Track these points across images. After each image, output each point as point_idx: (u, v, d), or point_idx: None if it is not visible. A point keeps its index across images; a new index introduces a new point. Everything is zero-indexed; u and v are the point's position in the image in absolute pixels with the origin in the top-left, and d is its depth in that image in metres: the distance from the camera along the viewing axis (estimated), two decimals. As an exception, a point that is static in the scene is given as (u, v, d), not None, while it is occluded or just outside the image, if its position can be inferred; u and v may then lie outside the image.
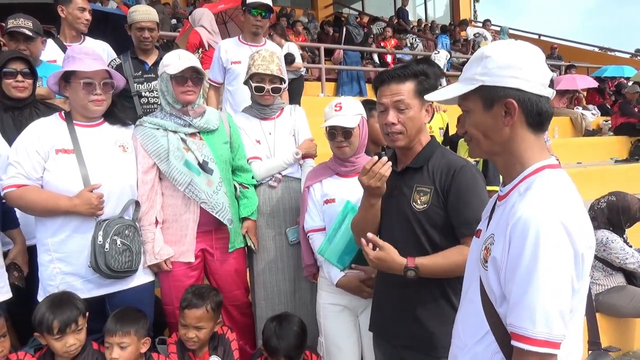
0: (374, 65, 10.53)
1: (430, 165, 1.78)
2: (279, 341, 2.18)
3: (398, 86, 1.74)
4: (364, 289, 2.21)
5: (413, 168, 1.80)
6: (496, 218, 1.18)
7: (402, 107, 1.74)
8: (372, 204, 1.80)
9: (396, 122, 1.74)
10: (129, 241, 2.20)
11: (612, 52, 15.89)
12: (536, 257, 1.01)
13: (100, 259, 2.11)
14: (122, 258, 2.16)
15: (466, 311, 1.26)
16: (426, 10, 17.58)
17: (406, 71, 1.75)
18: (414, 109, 1.75)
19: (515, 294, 1.04)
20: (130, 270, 2.22)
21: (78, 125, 2.24)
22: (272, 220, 2.69)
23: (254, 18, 3.44)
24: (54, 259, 2.16)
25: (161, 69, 2.45)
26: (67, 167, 2.14)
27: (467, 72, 1.20)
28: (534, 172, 1.14)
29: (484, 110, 1.16)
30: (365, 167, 1.69)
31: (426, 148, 1.82)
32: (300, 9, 13.86)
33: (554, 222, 1.02)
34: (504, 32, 13.43)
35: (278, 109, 2.80)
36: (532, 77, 1.12)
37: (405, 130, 1.75)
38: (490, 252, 1.13)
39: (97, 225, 2.15)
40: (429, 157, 1.80)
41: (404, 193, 1.79)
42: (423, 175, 1.77)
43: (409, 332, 1.78)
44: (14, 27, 2.80)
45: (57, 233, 2.15)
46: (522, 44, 1.17)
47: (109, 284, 2.22)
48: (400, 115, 1.74)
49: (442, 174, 1.74)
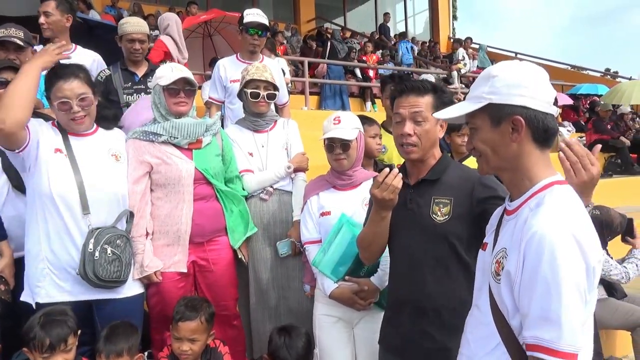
0: (356, 80, 10.67)
1: (446, 177, 1.78)
2: (289, 351, 2.17)
3: (417, 98, 1.75)
4: (357, 300, 2.21)
5: (429, 180, 1.79)
6: (507, 232, 1.21)
7: (419, 119, 1.74)
8: (382, 217, 1.78)
9: (412, 134, 1.74)
10: (120, 251, 2.18)
11: (584, 71, 16.46)
12: (555, 271, 1.04)
13: (88, 266, 2.09)
14: (111, 267, 2.14)
15: (476, 321, 1.29)
16: (406, 27, 17.93)
17: (426, 85, 1.78)
18: (430, 123, 1.75)
19: (536, 308, 1.06)
20: (118, 281, 2.19)
21: (71, 135, 2.24)
22: (263, 232, 2.70)
23: (250, 37, 3.48)
24: (44, 258, 2.13)
25: (154, 81, 2.47)
26: (63, 170, 2.14)
27: (475, 90, 1.24)
28: (543, 188, 1.17)
29: (491, 127, 1.21)
30: (378, 180, 1.67)
31: (441, 161, 1.82)
32: (283, 23, 13.98)
33: (567, 237, 1.05)
34: (483, 49, 13.77)
35: (271, 121, 2.82)
36: (538, 95, 1.17)
37: (420, 142, 1.75)
38: (502, 266, 1.16)
39: (89, 233, 2.13)
40: (445, 169, 1.80)
41: (420, 205, 1.77)
42: (440, 187, 1.76)
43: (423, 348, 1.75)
44: (5, 36, 2.77)
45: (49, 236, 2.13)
46: (527, 64, 1.23)
47: (99, 290, 2.19)
48: (417, 127, 1.74)
49: (466, 183, 1.73)
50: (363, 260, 2.02)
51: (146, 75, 3.24)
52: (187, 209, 2.43)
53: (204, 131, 2.50)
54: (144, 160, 2.39)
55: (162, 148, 2.43)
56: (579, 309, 1.05)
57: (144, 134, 2.42)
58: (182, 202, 2.42)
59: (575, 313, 1.04)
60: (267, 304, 2.68)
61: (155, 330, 2.48)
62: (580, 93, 12.31)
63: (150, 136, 2.42)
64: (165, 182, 2.42)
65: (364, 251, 1.95)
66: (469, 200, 1.71)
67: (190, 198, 2.43)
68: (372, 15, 17.18)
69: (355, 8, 17.32)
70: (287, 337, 2.22)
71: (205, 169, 2.47)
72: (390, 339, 1.89)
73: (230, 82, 3.50)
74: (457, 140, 3.05)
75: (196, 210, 2.44)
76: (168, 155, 2.42)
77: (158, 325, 2.47)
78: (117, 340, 2.03)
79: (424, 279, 1.75)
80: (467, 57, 13.20)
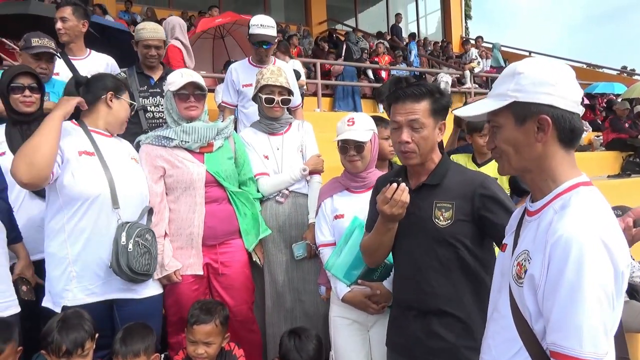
0: (368, 81, 10.65)
1: (447, 181, 1.77)
2: (299, 354, 2.17)
3: (413, 105, 1.73)
4: (369, 304, 2.20)
5: (429, 185, 1.78)
6: (529, 234, 1.18)
7: (416, 126, 1.72)
8: (389, 228, 1.77)
9: (410, 141, 1.73)
10: (149, 244, 2.22)
11: (600, 69, 16.21)
12: (580, 275, 1.01)
13: (122, 259, 2.11)
14: (143, 260, 2.18)
15: (497, 326, 1.25)
16: (418, 27, 17.84)
17: (422, 89, 1.74)
18: (428, 128, 1.73)
19: (558, 313, 1.04)
20: (148, 274, 2.23)
21: (94, 132, 2.27)
22: (279, 235, 2.71)
23: (257, 50, 3.58)
24: (71, 260, 2.14)
25: (165, 87, 2.51)
26: (92, 169, 2.17)
27: (498, 88, 1.20)
28: (568, 189, 1.14)
29: (515, 126, 1.17)
30: (386, 196, 1.65)
31: (441, 164, 1.81)
32: (294, 25, 14.02)
33: (595, 241, 1.02)
34: (497, 48, 13.64)
35: (286, 123, 2.83)
36: (566, 94, 1.14)
37: (418, 149, 1.74)
38: (524, 269, 1.13)
39: (119, 227, 2.16)
40: (445, 173, 1.79)
41: (422, 210, 1.77)
42: (442, 191, 1.76)
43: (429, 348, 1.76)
44: (41, 46, 2.86)
45: (78, 237, 2.14)
46: (554, 62, 1.18)
47: (121, 290, 2.21)
48: (415, 134, 1.73)
49: (466, 188, 1.73)
50: (366, 263, 2.02)
51: (161, 78, 3.27)
52: (199, 211, 2.45)
53: (215, 135, 2.52)
54: (157, 164, 2.43)
55: (173, 152, 2.45)
56: (604, 314, 1.01)
57: (156, 139, 2.46)
58: (194, 205, 2.44)
59: (599, 319, 1.01)
60: (282, 307, 2.68)
61: (172, 333, 2.49)
62: (596, 92, 12.12)
63: (162, 141, 2.46)
64: (177, 185, 2.44)
65: (368, 257, 1.95)
66: (470, 204, 1.71)
67: (202, 201, 2.45)
68: (384, 16, 17.13)
69: (366, 9, 17.30)
70: (297, 339, 2.22)
71: (216, 172, 2.49)
72: (396, 340, 1.90)
73: (242, 87, 3.55)
74: (479, 141, 2.99)
75: (208, 213, 2.46)
76: (180, 159, 2.45)
77: (174, 328, 2.48)
78: (133, 341, 2.05)
79: (429, 282, 1.75)
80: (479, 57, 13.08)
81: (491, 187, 1.72)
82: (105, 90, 2.29)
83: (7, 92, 2.49)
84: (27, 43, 2.88)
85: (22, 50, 2.93)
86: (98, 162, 2.19)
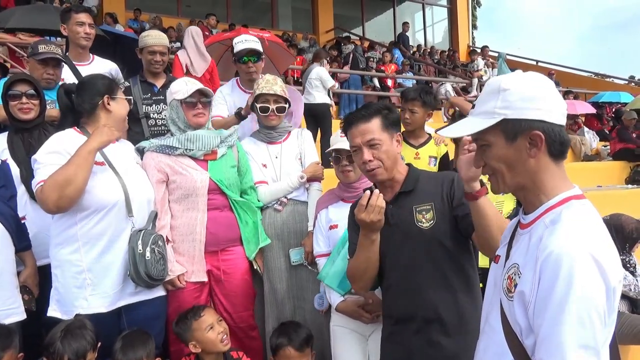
0: (374, 90, 10.70)
1: (420, 185, 1.85)
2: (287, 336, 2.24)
3: (366, 125, 1.81)
4: (362, 314, 2.21)
5: (405, 192, 1.85)
6: (520, 248, 1.16)
7: (373, 144, 1.80)
8: (372, 240, 1.78)
9: (372, 159, 1.80)
10: (163, 250, 2.26)
11: (608, 79, 16.14)
12: (568, 292, 0.99)
13: (141, 267, 2.13)
14: (159, 266, 2.22)
15: (488, 339, 1.23)
16: (425, 36, 17.88)
17: (369, 110, 1.84)
18: (385, 143, 1.81)
19: (545, 330, 1.02)
20: (163, 279, 2.28)
21: None
22: (277, 243, 2.71)
23: (245, 66, 3.21)
24: (84, 269, 2.13)
25: (169, 97, 2.52)
26: (106, 178, 2.18)
27: (484, 105, 1.18)
28: (559, 203, 1.12)
29: (506, 143, 1.15)
30: (362, 204, 1.67)
31: (410, 173, 1.89)
32: (301, 33, 14.10)
33: (586, 257, 1.00)
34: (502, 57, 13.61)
35: (285, 132, 2.84)
36: (553, 107, 1.12)
37: (382, 164, 1.81)
38: (514, 283, 1.11)
39: (133, 235, 2.18)
40: (417, 178, 1.87)
41: (403, 218, 1.81)
42: (417, 196, 1.82)
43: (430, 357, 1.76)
44: (48, 52, 2.90)
45: (93, 244, 2.14)
46: (535, 75, 1.16)
47: (133, 294, 2.23)
48: (374, 151, 1.80)
49: (441, 186, 1.81)
50: (357, 291, 2.04)
51: (165, 86, 3.28)
52: (202, 218, 2.45)
53: (218, 142, 2.53)
54: (160, 169, 2.44)
55: (177, 159, 2.47)
56: (591, 331, 0.99)
57: (160, 148, 2.47)
58: (196, 212, 2.45)
59: (586, 336, 0.98)
60: (282, 315, 2.67)
61: (173, 342, 2.49)
62: (602, 101, 12.04)
63: (166, 150, 2.46)
64: (180, 192, 2.45)
65: (359, 281, 1.91)
66: (447, 200, 1.79)
67: (204, 208, 2.46)
68: (391, 25, 17.18)
69: (373, 18, 17.36)
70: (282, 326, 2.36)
71: (219, 180, 2.49)
72: (393, 356, 1.89)
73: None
74: None
75: (210, 219, 2.47)
76: (184, 167, 2.46)
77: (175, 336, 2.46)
78: (134, 348, 2.05)
79: (424, 288, 1.77)
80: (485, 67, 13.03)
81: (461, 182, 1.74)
82: (100, 96, 2.25)
83: (6, 100, 2.51)
84: (34, 50, 2.93)
85: (30, 57, 2.98)
86: (110, 170, 2.20)
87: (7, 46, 6.79)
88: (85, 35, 3.29)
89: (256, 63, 3.21)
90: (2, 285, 2.09)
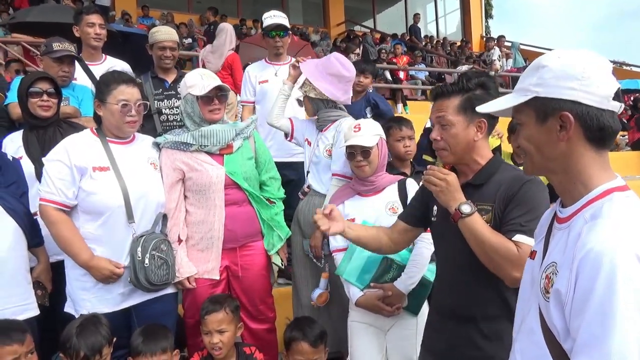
0: (385, 82, 10.62)
1: (492, 181, 1.66)
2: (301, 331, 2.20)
3: (442, 102, 1.68)
4: (383, 307, 2.18)
5: (473, 185, 1.69)
6: (557, 244, 1.07)
7: (443, 124, 1.67)
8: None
9: (439, 139, 1.68)
10: (165, 255, 2.26)
11: (627, 67, 15.79)
12: (611, 294, 0.90)
13: (140, 274, 2.16)
14: (160, 272, 2.23)
15: (526, 341, 1.14)
16: (437, 27, 17.69)
17: (456, 86, 1.67)
18: (456, 126, 1.65)
19: (585, 334, 0.92)
20: (167, 283, 2.29)
21: (112, 142, 2.29)
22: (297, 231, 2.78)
23: (272, 40, 3.55)
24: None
25: (184, 90, 2.47)
26: (107, 184, 2.19)
27: (522, 82, 1.11)
28: (600, 196, 1.03)
29: (537, 124, 1.08)
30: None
31: (489, 165, 1.70)
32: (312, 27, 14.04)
33: (629, 256, 0.91)
34: (515, 47, 13.42)
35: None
36: (593, 89, 1.02)
37: (448, 147, 1.68)
38: (552, 282, 1.03)
39: (134, 242, 2.19)
40: (492, 174, 1.68)
41: None
42: (484, 192, 1.66)
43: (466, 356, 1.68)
44: (63, 50, 2.92)
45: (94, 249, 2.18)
46: (585, 53, 1.07)
47: (142, 294, 2.26)
48: (443, 132, 1.67)
49: (507, 187, 1.62)
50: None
51: (176, 81, 3.29)
52: (220, 214, 2.44)
53: (233, 136, 2.50)
54: (176, 167, 2.42)
55: (193, 155, 2.45)
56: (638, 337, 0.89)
57: (175, 144, 2.44)
58: (214, 208, 2.43)
59: (633, 342, 0.88)
60: (299, 302, 2.71)
61: (190, 336, 2.50)
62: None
63: (181, 146, 2.44)
64: (196, 188, 2.43)
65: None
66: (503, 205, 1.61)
67: (221, 204, 2.44)
68: (402, 17, 17.04)
69: (384, 10, 17.23)
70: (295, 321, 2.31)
71: (236, 174, 2.47)
72: (433, 343, 1.83)
73: (259, 84, 3.59)
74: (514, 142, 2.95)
75: (228, 216, 2.45)
76: (199, 162, 2.44)
77: (192, 330, 2.48)
78: (157, 338, 2.08)
79: (468, 285, 1.68)
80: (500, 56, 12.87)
81: (524, 188, 1.60)
82: (96, 98, 2.31)
83: (26, 97, 2.53)
84: (49, 48, 2.94)
85: (44, 54, 2.99)
86: (113, 176, 2.20)
87: (22, 45, 6.90)
88: (96, 35, 3.31)
89: (283, 38, 3.54)
90: (15, 281, 2.11)
